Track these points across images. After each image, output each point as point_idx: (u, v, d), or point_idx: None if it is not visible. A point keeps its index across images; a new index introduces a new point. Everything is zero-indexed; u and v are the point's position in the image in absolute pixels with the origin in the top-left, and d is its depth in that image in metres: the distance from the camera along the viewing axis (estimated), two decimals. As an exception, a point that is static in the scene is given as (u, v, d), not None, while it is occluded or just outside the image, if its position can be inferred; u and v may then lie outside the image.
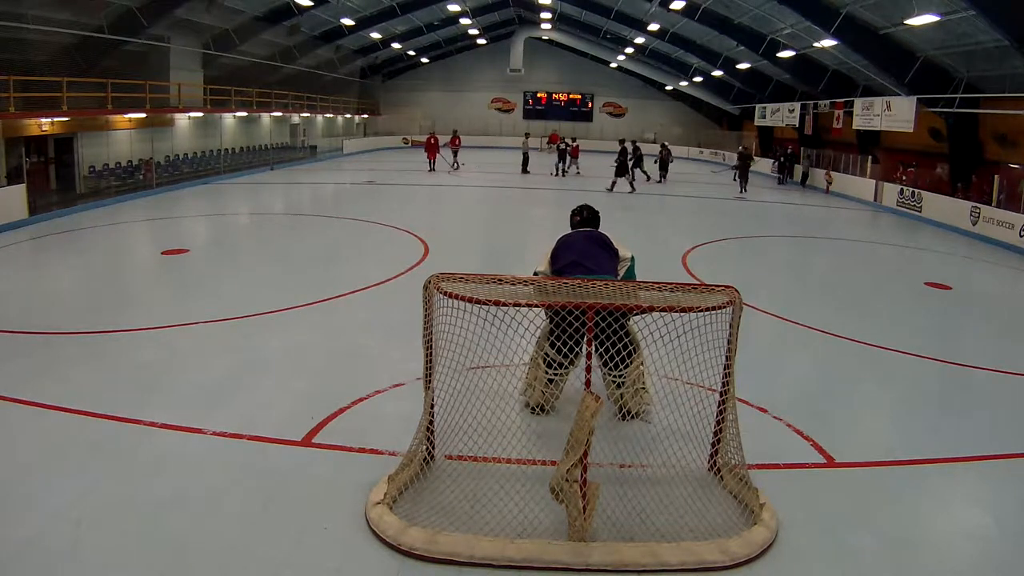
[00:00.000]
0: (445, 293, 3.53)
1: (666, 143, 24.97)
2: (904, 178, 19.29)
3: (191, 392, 4.98)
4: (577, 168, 24.08)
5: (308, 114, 30.12)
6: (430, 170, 23.39)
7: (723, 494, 3.77)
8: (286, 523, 3.44)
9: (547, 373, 4.56)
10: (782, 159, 25.98)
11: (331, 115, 33.19)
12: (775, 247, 12.67)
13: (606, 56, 35.56)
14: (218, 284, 8.43)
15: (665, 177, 23.03)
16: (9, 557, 3.12)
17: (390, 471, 3.75)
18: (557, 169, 23.27)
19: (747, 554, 3.24)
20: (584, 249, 4.60)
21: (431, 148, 23.64)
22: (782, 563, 3.26)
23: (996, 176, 15.26)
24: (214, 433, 4.34)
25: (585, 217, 4.99)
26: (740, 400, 4.32)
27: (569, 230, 5.00)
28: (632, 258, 4.74)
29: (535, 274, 4.67)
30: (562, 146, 23.52)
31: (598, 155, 30.81)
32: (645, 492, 3.70)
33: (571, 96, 40.86)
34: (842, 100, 21.89)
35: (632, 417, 4.56)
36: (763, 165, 29.02)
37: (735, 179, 23.00)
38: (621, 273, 4.65)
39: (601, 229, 4.99)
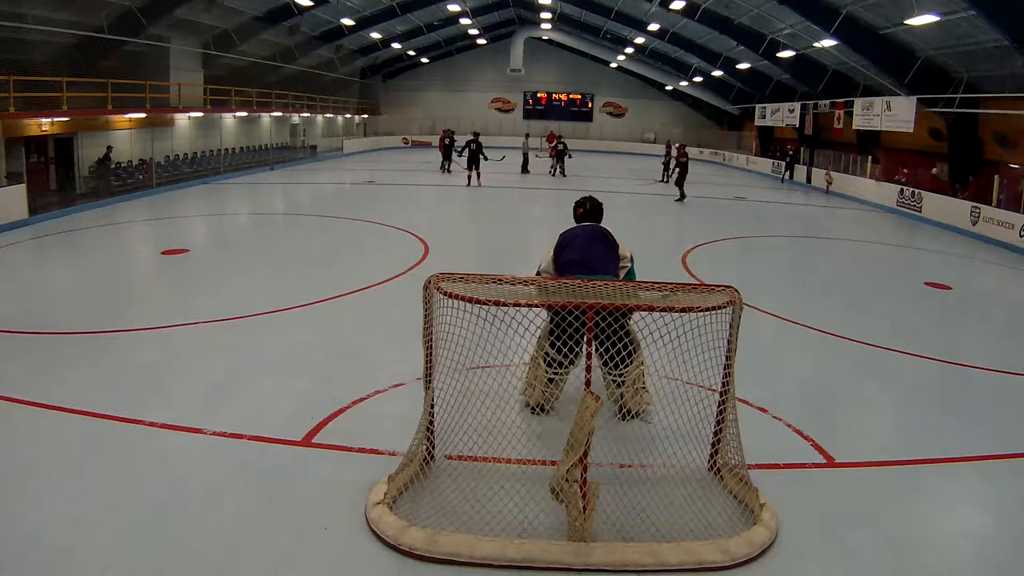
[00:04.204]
0: (445, 293, 3.53)
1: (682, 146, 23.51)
2: (899, 178, 19.27)
3: (191, 392, 4.98)
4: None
5: (308, 114, 30.11)
6: (446, 171, 22.72)
7: (723, 494, 3.76)
8: (286, 523, 3.43)
9: (547, 372, 4.56)
10: (788, 158, 26.04)
11: (331, 115, 33.19)
12: (775, 247, 12.67)
13: (606, 56, 35.57)
14: (218, 284, 8.42)
15: (669, 178, 23.03)
16: (9, 557, 3.12)
17: (390, 471, 3.75)
18: (554, 169, 23.27)
19: (747, 554, 3.24)
20: (586, 247, 4.57)
21: (444, 147, 23.46)
22: (782, 563, 3.26)
23: (996, 176, 15.27)
24: (214, 433, 4.34)
25: (588, 209, 4.91)
26: (740, 400, 4.32)
27: (572, 222, 4.93)
28: (631, 258, 4.74)
29: (539, 270, 4.68)
30: (560, 146, 23.49)
31: (597, 155, 30.86)
32: (645, 492, 3.69)
33: (571, 96, 40.86)
34: (842, 100, 21.91)
35: (632, 417, 4.56)
36: (764, 165, 29.06)
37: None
38: (621, 276, 4.64)
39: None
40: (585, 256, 4.51)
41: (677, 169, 18.22)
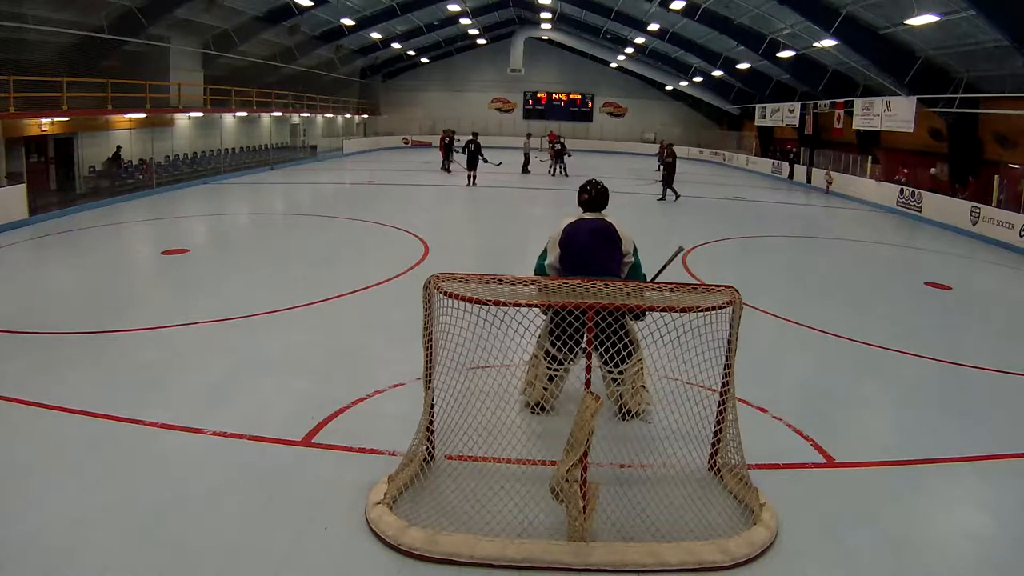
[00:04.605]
0: (445, 293, 3.53)
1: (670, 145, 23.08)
2: (899, 178, 19.28)
3: (191, 392, 4.98)
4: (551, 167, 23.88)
5: (308, 114, 30.11)
6: (446, 170, 22.87)
7: (723, 494, 3.76)
8: (286, 523, 3.43)
9: (548, 369, 4.55)
10: (791, 156, 26.11)
11: (331, 115, 33.19)
12: (775, 247, 12.67)
13: (606, 56, 35.57)
14: (218, 284, 8.43)
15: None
16: (9, 557, 3.12)
17: (390, 471, 3.75)
18: (554, 169, 23.28)
19: (747, 554, 3.24)
20: (588, 248, 4.48)
21: (444, 146, 23.47)
22: (782, 563, 3.26)
23: (996, 176, 15.27)
24: (214, 433, 4.34)
25: (593, 196, 4.70)
26: (740, 400, 4.32)
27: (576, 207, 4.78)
28: (635, 249, 4.67)
29: (545, 263, 4.60)
30: (558, 146, 23.52)
31: (597, 155, 30.81)
32: (645, 492, 3.69)
33: (571, 96, 40.86)
34: (842, 100, 21.91)
35: (632, 417, 4.56)
36: (763, 165, 29.07)
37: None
38: (626, 271, 4.60)
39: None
40: (586, 259, 4.44)
41: (662, 169, 18.18)
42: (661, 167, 18.56)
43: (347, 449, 4.20)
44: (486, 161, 19.82)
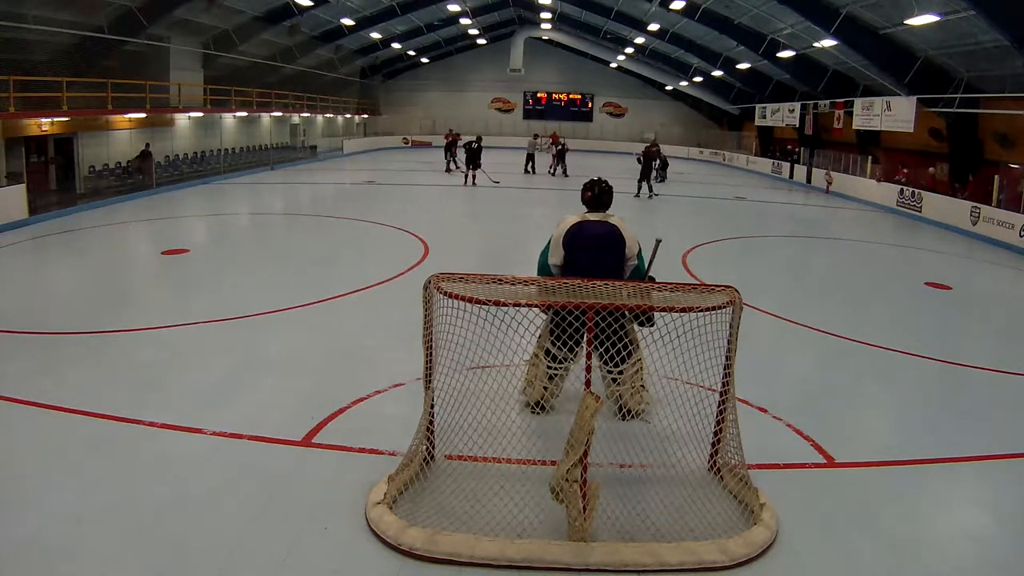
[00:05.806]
0: (445, 293, 3.53)
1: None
2: (899, 178, 19.27)
3: (191, 392, 4.98)
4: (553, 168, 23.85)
5: (308, 114, 30.11)
6: (447, 170, 22.91)
7: (723, 494, 3.76)
8: (286, 523, 3.43)
9: (548, 367, 4.55)
10: (792, 156, 26.15)
11: (331, 115, 33.19)
12: (775, 247, 12.67)
13: (606, 56, 35.56)
14: (218, 284, 8.43)
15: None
16: (9, 557, 3.12)
17: (390, 471, 3.75)
18: (554, 169, 23.28)
19: (747, 554, 3.24)
20: (594, 256, 4.43)
21: (451, 148, 23.38)
22: (782, 563, 3.26)
23: (996, 176, 15.26)
24: (214, 433, 4.34)
25: (596, 194, 4.62)
26: (740, 400, 4.32)
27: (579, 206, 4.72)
28: (640, 252, 4.65)
29: (547, 262, 4.55)
30: (559, 147, 23.49)
31: (597, 155, 30.77)
32: (645, 492, 3.69)
33: (571, 96, 40.87)
34: (842, 100, 21.90)
35: (632, 416, 4.56)
36: (764, 165, 29.07)
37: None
38: (628, 272, 4.57)
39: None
40: (589, 268, 4.35)
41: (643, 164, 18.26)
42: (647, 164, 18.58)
43: (347, 449, 4.20)
44: (478, 166, 19.57)
